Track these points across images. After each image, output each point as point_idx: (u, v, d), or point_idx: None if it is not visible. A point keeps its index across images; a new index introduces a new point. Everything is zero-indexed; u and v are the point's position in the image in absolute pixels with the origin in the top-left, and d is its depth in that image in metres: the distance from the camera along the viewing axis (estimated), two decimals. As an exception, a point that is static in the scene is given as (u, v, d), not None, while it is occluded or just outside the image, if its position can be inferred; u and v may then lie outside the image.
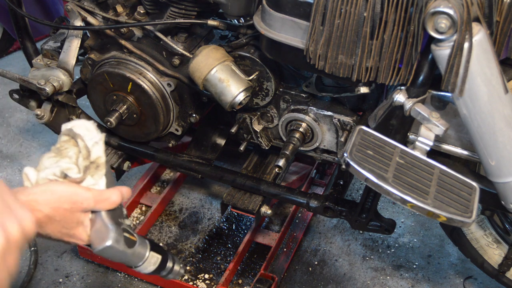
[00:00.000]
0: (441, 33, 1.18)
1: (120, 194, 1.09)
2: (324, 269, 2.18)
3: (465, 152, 1.56)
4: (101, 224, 1.08)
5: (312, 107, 1.72)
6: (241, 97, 1.61)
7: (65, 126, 1.13)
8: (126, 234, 1.11)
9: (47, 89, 1.81)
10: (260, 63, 1.66)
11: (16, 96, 1.99)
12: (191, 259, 2.21)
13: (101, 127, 2.05)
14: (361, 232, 2.30)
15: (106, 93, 1.86)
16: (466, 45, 1.19)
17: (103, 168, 1.11)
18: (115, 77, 1.81)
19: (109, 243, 1.07)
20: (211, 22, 1.66)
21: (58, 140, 1.11)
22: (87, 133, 1.12)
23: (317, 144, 1.78)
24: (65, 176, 1.06)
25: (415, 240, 2.28)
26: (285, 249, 2.21)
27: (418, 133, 1.35)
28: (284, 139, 1.83)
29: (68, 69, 1.85)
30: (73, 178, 1.06)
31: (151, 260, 1.17)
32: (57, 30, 1.93)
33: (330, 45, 1.35)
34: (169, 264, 1.23)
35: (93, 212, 1.09)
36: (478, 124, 1.30)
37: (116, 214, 1.11)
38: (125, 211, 1.15)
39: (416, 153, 1.33)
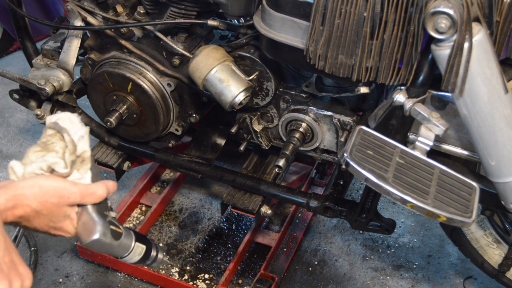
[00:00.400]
0: (441, 33, 1.18)
1: (105, 188, 1.11)
2: (324, 269, 2.18)
3: (465, 152, 1.56)
4: (87, 217, 1.09)
5: (312, 107, 1.72)
6: (241, 97, 1.61)
7: (49, 119, 1.14)
8: (112, 227, 1.13)
9: (47, 89, 1.81)
10: (260, 63, 1.66)
11: (16, 96, 1.99)
12: (191, 259, 2.21)
13: (101, 127, 2.05)
14: (361, 232, 2.30)
15: (106, 93, 1.85)
16: (466, 45, 1.19)
17: (89, 162, 1.12)
18: (115, 77, 1.81)
19: (96, 236, 1.09)
20: (211, 22, 1.66)
21: (43, 134, 1.12)
22: (71, 126, 1.13)
23: (317, 144, 1.78)
24: (52, 170, 1.06)
25: (415, 240, 2.28)
26: (285, 249, 2.21)
27: (418, 133, 1.35)
28: (284, 139, 1.83)
29: (68, 69, 1.85)
30: (60, 173, 1.07)
31: (136, 251, 1.20)
32: (57, 30, 1.93)
33: (330, 45, 1.35)
34: (153, 253, 1.26)
35: (79, 205, 1.10)
36: (478, 124, 1.30)
37: (101, 207, 1.12)
38: (109, 203, 1.16)
39: (416, 153, 1.33)
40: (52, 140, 1.10)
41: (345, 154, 1.29)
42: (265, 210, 1.92)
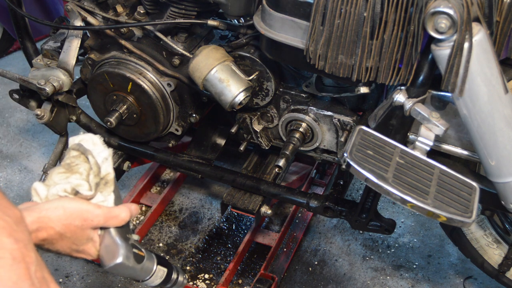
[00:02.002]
0: (441, 33, 1.18)
1: (129, 211, 1.10)
2: (324, 269, 2.18)
3: (465, 152, 1.56)
4: (110, 240, 1.09)
5: (312, 107, 1.72)
6: (241, 97, 1.61)
7: (72, 141, 1.13)
8: (135, 250, 1.12)
9: (47, 89, 1.81)
10: (260, 63, 1.66)
11: (16, 96, 1.98)
12: (191, 259, 2.22)
13: (101, 127, 2.05)
14: (361, 232, 2.30)
15: (106, 93, 1.85)
16: (466, 45, 1.19)
17: (112, 184, 1.12)
18: (115, 77, 1.81)
19: (119, 260, 1.08)
20: (211, 22, 1.66)
21: (67, 155, 1.11)
22: (93, 147, 1.12)
23: (317, 144, 1.78)
24: (76, 192, 1.06)
25: (415, 240, 2.28)
26: (285, 249, 2.21)
27: (418, 133, 1.35)
28: (284, 139, 1.83)
29: (68, 69, 1.85)
30: (84, 195, 1.06)
31: (158, 274, 1.19)
32: (57, 30, 1.93)
33: (330, 45, 1.35)
34: (174, 276, 1.25)
35: (102, 228, 1.09)
36: (478, 124, 1.30)
37: (124, 230, 1.11)
38: (131, 226, 1.15)
39: (416, 153, 1.33)
40: (76, 162, 1.09)
41: (345, 154, 1.29)
42: (265, 210, 1.92)
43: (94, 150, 1.11)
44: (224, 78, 1.60)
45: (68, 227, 1.03)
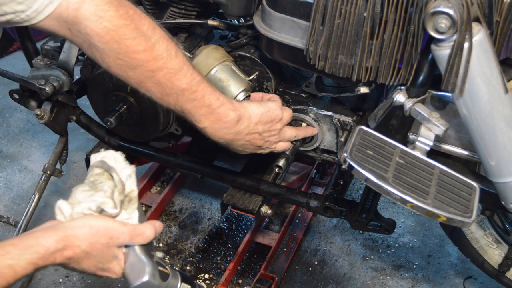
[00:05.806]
0: (441, 33, 1.18)
1: (153, 228, 1.10)
2: (324, 269, 2.18)
3: (465, 152, 1.56)
4: (135, 258, 1.08)
5: (312, 107, 1.72)
6: (241, 97, 1.61)
7: (94, 158, 1.13)
8: (160, 268, 1.11)
9: (47, 89, 1.81)
10: (260, 63, 1.66)
11: (16, 96, 1.98)
12: (191, 259, 2.22)
13: (101, 127, 2.05)
14: (361, 232, 2.30)
15: (106, 93, 1.85)
16: (466, 45, 1.19)
17: (136, 201, 1.11)
18: (115, 77, 1.80)
19: (146, 278, 1.07)
20: (211, 22, 1.66)
21: (90, 173, 1.11)
22: (116, 164, 1.11)
23: (317, 144, 1.78)
24: (101, 210, 1.05)
25: (415, 240, 2.28)
26: (285, 249, 2.21)
27: (418, 133, 1.35)
28: (284, 139, 1.83)
29: (68, 69, 1.85)
30: (109, 213, 1.06)
31: None
32: (57, 30, 1.93)
33: (330, 45, 1.35)
34: None
35: (126, 246, 1.09)
36: (478, 124, 1.30)
37: (149, 247, 1.11)
38: (155, 243, 1.15)
39: (416, 153, 1.33)
40: (100, 180, 1.08)
41: (345, 154, 1.29)
42: (265, 210, 1.92)
43: (117, 167, 1.11)
44: (224, 78, 1.60)
45: (94, 245, 1.03)
